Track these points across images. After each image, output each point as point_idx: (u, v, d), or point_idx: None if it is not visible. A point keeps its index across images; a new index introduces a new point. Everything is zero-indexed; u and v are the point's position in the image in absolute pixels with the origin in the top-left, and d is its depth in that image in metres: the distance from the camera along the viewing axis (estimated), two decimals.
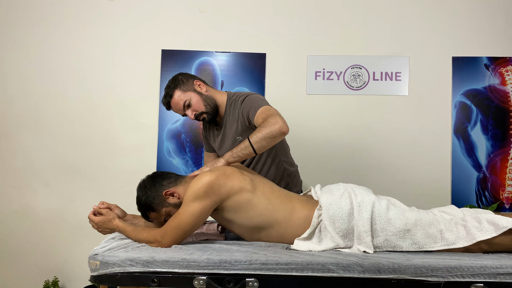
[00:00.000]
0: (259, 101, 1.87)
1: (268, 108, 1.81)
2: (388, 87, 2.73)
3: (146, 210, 1.68)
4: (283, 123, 1.69)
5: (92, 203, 2.73)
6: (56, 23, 2.78)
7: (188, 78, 1.97)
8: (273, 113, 1.75)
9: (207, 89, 1.98)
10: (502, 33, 2.70)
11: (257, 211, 1.61)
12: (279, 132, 1.68)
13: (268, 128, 1.68)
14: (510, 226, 1.50)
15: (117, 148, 2.76)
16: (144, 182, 1.70)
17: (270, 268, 1.38)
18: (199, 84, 1.96)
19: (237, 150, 1.71)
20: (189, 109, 1.93)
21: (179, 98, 1.92)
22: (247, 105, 1.88)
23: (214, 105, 1.96)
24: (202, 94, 1.95)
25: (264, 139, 1.67)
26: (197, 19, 2.78)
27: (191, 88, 1.94)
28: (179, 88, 1.93)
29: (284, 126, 1.69)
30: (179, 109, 1.95)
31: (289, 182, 2.10)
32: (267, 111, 1.78)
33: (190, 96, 1.92)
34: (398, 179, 2.71)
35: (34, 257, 2.73)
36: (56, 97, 2.76)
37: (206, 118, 1.96)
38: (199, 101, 1.93)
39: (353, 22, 2.76)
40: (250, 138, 1.69)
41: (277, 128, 1.67)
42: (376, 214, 1.57)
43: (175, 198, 1.65)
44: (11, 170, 2.76)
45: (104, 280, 1.41)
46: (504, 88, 2.68)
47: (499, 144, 2.66)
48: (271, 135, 1.67)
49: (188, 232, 1.57)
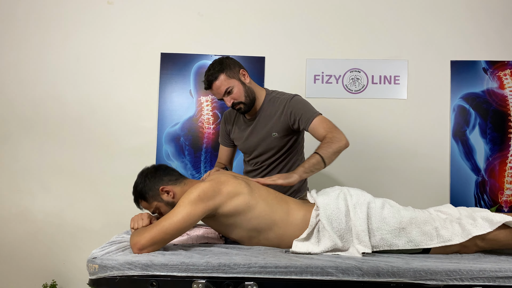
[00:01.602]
0: (311, 108, 1.94)
1: (326, 119, 1.90)
2: (386, 91, 2.74)
3: (139, 197, 1.69)
4: (346, 138, 1.82)
5: (90, 206, 2.75)
6: (55, 26, 2.78)
7: (235, 65, 1.96)
8: (334, 127, 1.87)
9: (250, 81, 1.99)
10: (500, 37, 2.72)
11: (256, 213, 1.61)
12: (345, 147, 1.81)
13: (337, 143, 1.79)
14: (503, 220, 1.52)
15: (116, 151, 2.75)
16: (146, 170, 1.71)
17: (269, 272, 1.38)
18: (244, 74, 1.97)
19: (309, 165, 1.76)
20: (229, 96, 1.93)
21: (223, 83, 1.91)
22: (298, 108, 1.92)
23: (253, 97, 1.98)
24: (245, 85, 1.96)
25: (334, 154, 1.79)
26: (196, 22, 2.79)
27: (236, 76, 1.94)
28: (225, 72, 1.91)
29: (347, 141, 1.82)
30: (219, 93, 1.94)
31: (300, 186, 2.09)
32: (328, 123, 1.88)
33: (233, 84, 1.92)
34: (397, 182, 2.72)
35: (32, 260, 2.73)
36: (55, 100, 2.76)
37: (242, 108, 1.97)
38: (241, 90, 1.94)
39: (352, 26, 2.77)
40: (320, 153, 1.76)
41: (343, 144, 1.80)
42: (372, 213, 1.59)
43: (169, 197, 1.66)
44: (10, 173, 2.76)
45: (102, 283, 1.41)
46: (502, 92, 2.69)
47: (497, 148, 2.67)
48: (340, 150, 1.80)
49: (169, 234, 1.50)
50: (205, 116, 2.76)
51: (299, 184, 2.08)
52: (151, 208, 1.69)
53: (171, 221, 1.50)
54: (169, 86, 2.76)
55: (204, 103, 2.76)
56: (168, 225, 1.49)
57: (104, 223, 2.73)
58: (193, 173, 2.73)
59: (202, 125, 2.75)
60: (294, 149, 2.05)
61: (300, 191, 2.09)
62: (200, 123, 2.75)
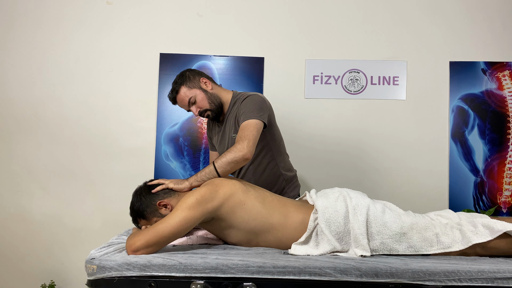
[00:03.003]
0: (252, 110, 1.87)
1: (249, 126, 1.81)
2: (385, 92, 2.74)
3: (137, 216, 1.69)
4: (247, 149, 1.73)
5: (89, 206, 2.74)
6: (55, 26, 2.78)
7: (195, 75, 2.02)
8: (246, 136, 1.77)
9: (212, 87, 2.03)
10: (499, 38, 2.72)
11: (252, 215, 1.61)
12: (242, 159, 1.73)
13: (233, 154, 1.73)
14: (505, 229, 1.51)
15: (115, 151, 2.75)
16: (140, 189, 1.71)
17: (267, 272, 1.38)
18: (205, 82, 2.01)
19: (201, 174, 1.73)
20: (194, 106, 1.99)
21: (185, 94, 1.98)
22: (243, 108, 1.91)
23: (218, 103, 2.01)
24: (207, 92, 2.00)
25: (228, 164, 1.73)
26: (195, 23, 2.79)
27: (197, 86, 1.99)
28: (185, 84, 1.98)
29: (247, 153, 1.73)
30: (184, 105, 2.01)
31: (285, 187, 2.11)
32: (245, 130, 1.79)
33: (195, 93, 1.98)
34: (396, 183, 2.72)
35: (30, 261, 2.72)
36: (54, 101, 2.76)
37: (210, 115, 2.02)
38: (204, 98, 1.99)
39: (351, 26, 2.77)
40: (215, 162, 1.73)
41: (240, 155, 1.72)
42: (372, 217, 1.58)
43: (167, 210, 1.66)
44: (8, 173, 2.75)
45: (101, 284, 1.41)
46: (501, 93, 2.69)
47: (496, 149, 2.67)
48: (235, 161, 1.73)
49: (165, 237, 1.49)
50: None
51: (284, 183, 2.09)
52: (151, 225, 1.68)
53: (167, 224, 1.49)
54: (168, 86, 2.75)
55: None
56: (164, 229, 1.49)
57: (102, 223, 2.72)
58: (192, 173, 2.73)
59: (201, 126, 2.75)
60: (264, 148, 2.03)
61: (285, 193, 2.09)
62: (199, 123, 2.75)
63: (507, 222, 1.53)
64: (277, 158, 2.07)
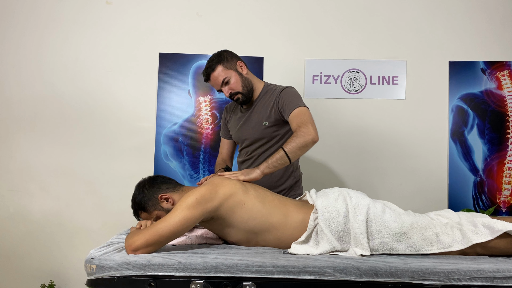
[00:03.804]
0: (296, 99, 1.93)
1: (303, 112, 1.86)
2: (385, 91, 2.74)
3: (138, 208, 1.70)
4: (315, 132, 1.78)
5: (88, 206, 2.74)
6: (54, 26, 2.78)
7: (232, 56, 2.04)
8: (306, 120, 1.81)
9: (247, 72, 2.05)
10: (498, 37, 2.72)
11: (252, 214, 1.61)
12: (311, 142, 1.77)
13: (302, 138, 1.75)
14: (505, 229, 1.51)
15: (114, 151, 2.75)
16: (143, 181, 1.72)
17: (267, 271, 1.38)
18: (241, 65, 2.04)
19: (272, 160, 1.75)
20: (226, 86, 2.00)
21: (220, 73, 1.99)
22: (285, 99, 1.94)
23: (250, 88, 2.04)
24: (242, 75, 2.02)
25: (298, 149, 1.75)
26: (194, 22, 2.79)
27: (233, 67, 2.01)
28: (222, 64, 1.99)
29: (315, 136, 1.77)
30: (217, 84, 2.01)
31: (293, 185, 2.11)
32: (302, 116, 1.84)
33: (230, 74, 1.99)
34: (395, 182, 2.72)
35: (30, 260, 2.72)
36: (53, 100, 2.76)
37: (240, 98, 2.03)
38: (238, 81, 2.00)
39: (351, 26, 2.77)
40: (284, 148, 1.74)
41: (310, 138, 1.76)
42: (372, 216, 1.58)
43: (169, 204, 1.66)
44: (8, 172, 2.75)
45: (100, 284, 1.40)
46: (500, 93, 2.69)
47: (495, 148, 2.67)
48: (305, 145, 1.76)
49: (164, 237, 1.49)
50: (204, 116, 2.75)
51: (291, 183, 2.09)
52: (151, 218, 1.69)
53: (166, 223, 1.49)
54: (168, 86, 2.75)
55: (203, 103, 2.76)
56: (164, 228, 1.49)
57: (102, 223, 2.72)
58: (191, 173, 2.73)
59: (201, 125, 2.75)
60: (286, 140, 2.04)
61: (292, 190, 2.10)
62: (199, 123, 2.75)
63: (507, 222, 1.53)
64: None
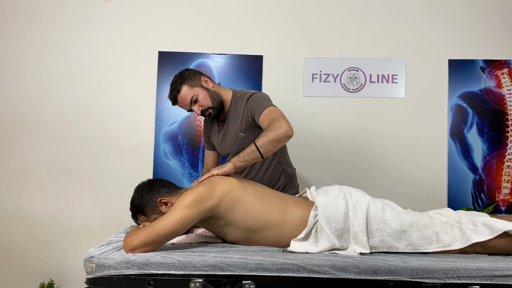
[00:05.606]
0: (265, 101, 1.90)
1: (274, 110, 1.83)
2: (384, 90, 2.74)
3: (137, 211, 1.69)
4: (288, 126, 1.72)
5: (87, 205, 2.74)
6: (53, 25, 2.77)
7: (195, 74, 2.00)
8: (278, 116, 1.77)
9: (213, 85, 2.02)
10: (498, 36, 2.72)
11: (251, 212, 1.61)
12: (285, 136, 1.71)
13: (274, 132, 1.70)
14: (504, 229, 1.51)
15: (113, 150, 2.75)
16: (143, 185, 1.71)
17: (266, 269, 1.38)
18: (205, 80, 2.00)
19: (243, 154, 1.71)
20: (196, 105, 1.97)
21: (186, 93, 1.95)
22: (253, 104, 1.91)
23: (220, 100, 2.00)
24: (209, 90, 1.98)
25: (270, 143, 1.70)
26: (194, 21, 2.78)
27: (198, 84, 1.97)
28: (187, 83, 1.96)
29: (289, 129, 1.71)
30: (185, 104, 1.98)
31: (287, 183, 2.11)
32: (273, 113, 1.80)
33: (197, 92, 1.96)
34: (395, 181, 2.72)
35: (29, 259, 2.72)
36: (53, 99, 2.76)
37: (212, 113, 1.99)
38: (206, 96, 1.97)
39: (350, 24, 2.77)
40: (256, 142, 1.70)
41: (282, 132, 1.70)
42: (372, 214, 1.58)
43: (168, 208, 1.66)
44: (7, 171, 2.75)
45: (100, 282, 1.41)
46: (500, 91, 2.69)
47: (495, 147, 2.67)
48: (277, 139, 1.70)
49: (162, 236, 1.49)
50: None
51: (286, 180, 2.09)
52: (150, 222, 1.68)
53: (164, 223, 1.49)
54: (167, 84, 2.75)
55: None
56: (162, 227, 1.49)
57: (101, 222, 2.72)
58: (190, 171, 2.73)
59: (200, 124, 2.75)
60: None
61: (287, 190, 2.10)
62: (198, 121, 2.75)
63: (507, 221, 1.53)
64: (279, 154, 2.07)
